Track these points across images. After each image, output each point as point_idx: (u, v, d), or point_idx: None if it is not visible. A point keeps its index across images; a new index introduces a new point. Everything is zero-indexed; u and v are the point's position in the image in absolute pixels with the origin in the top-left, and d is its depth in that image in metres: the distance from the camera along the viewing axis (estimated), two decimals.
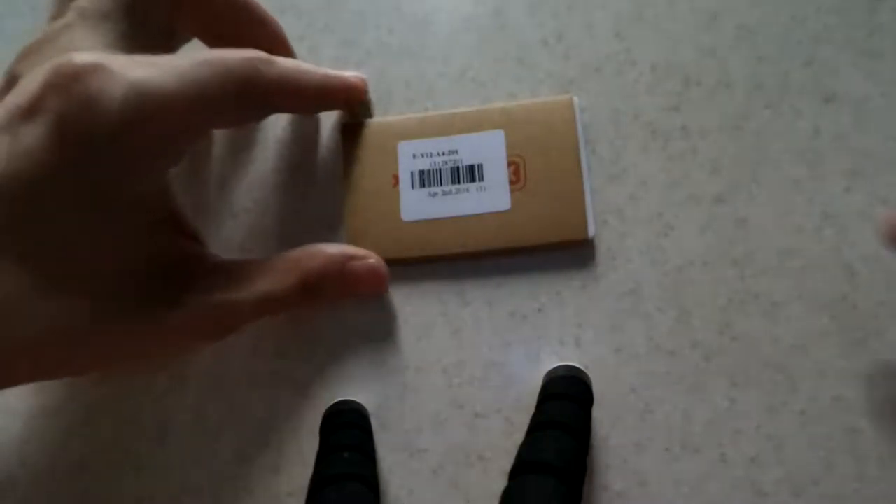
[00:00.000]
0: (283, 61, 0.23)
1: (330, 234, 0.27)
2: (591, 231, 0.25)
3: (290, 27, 0.28)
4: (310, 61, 0.28)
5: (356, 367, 0.25)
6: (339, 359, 0.26)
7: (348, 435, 0.23)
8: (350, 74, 0.26)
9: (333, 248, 0.24)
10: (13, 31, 0.28)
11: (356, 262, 0.24)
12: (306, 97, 0.24)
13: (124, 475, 0.25)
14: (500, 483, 0.22)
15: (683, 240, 0.26)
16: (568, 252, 0.26)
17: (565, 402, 0.23)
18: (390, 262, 0.25)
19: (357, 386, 0.25)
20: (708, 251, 0.25)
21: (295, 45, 0.28)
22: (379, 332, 0.26)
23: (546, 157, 0.25)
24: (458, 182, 0.26)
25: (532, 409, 0.24)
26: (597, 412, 0.24)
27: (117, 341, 0.21)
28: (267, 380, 0.25)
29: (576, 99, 0.26)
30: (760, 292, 0.25)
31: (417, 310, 0.26)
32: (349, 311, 0.26)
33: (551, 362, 0.25)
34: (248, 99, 0.22)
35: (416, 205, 0.26)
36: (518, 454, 0.22)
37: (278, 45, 0.26)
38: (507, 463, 0.22)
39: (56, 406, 0.26)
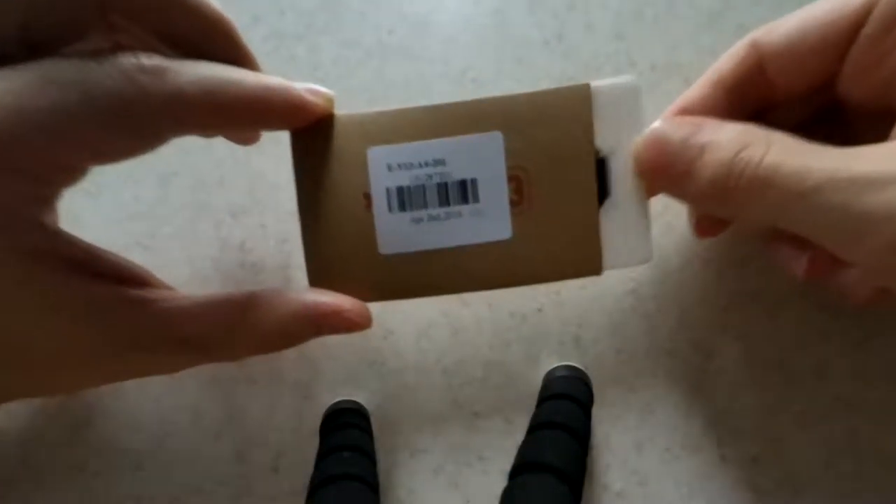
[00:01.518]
0: (187, 69, 0.18)
1: None
2: (609, 262, 0.21)
3: (290, 27, 0.28)
4: (310, 61, 0.28)
5: (356, 367, 0.25)
6: (339, 359, 0.26)
7: (348, 435, 0.23)
8: (303, 87, 0.20)
9: (293, 304, 0.20)
10: None
11: (329, 319, 0.20)
12: (227, 116, 0.19)
13: (124, 475, 0.25)
14: (500, 483, 0.22)
15: (684, 239, 0.26)
16: None
17: (565, 402, 0.23)
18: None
19: (357, 386, 0.25)
20: (708, 251, 0.25)
21: (295, 45, 0.28)
22: (379, 332, 0.26)
23: (556, 168, 0.20)
24: (448, 203, 0.20)
25: (532, 409, 0.24)
26: (597, 412, 0.24)
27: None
28: (267, 380, 0.25)
29: (597, 85, 0.20)
30: (759, 292, 0.25)
31: (417, 310, 0.26)
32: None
33: (551, 362, 0.25)
34: (125, 125, 0.17)
35: (396, 233, 0.20)
36: (518, 454, 0.22)
37: (229, 48, 0.21)
38: (507, 463, 0.22)
39: (56, 406, 0.26)
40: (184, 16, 0.19)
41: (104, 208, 0.27)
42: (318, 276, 0.21)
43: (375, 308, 0.26)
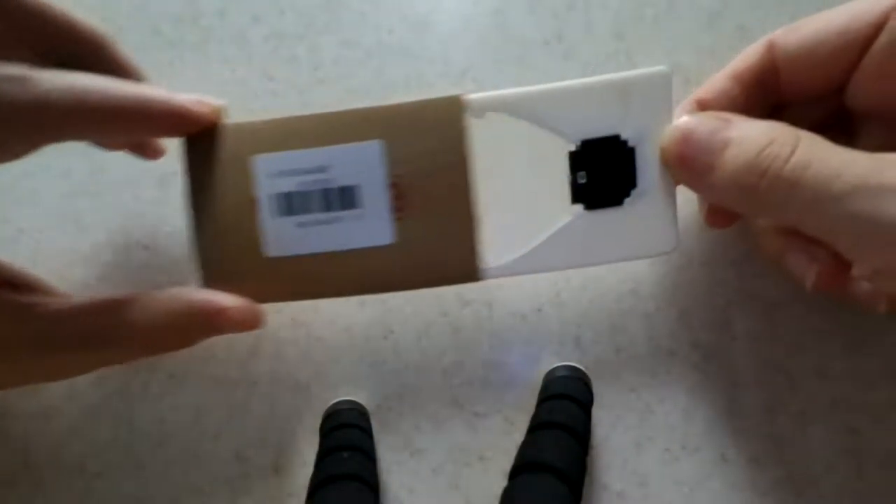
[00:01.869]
0: (53, 77, 0.18)
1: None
2: (489, 262, 0.21)
3: (290, 27, 0.28)
4: (310, 61, 0.28)
5: (356, 367, 0.25)
6: (339, 359, 0.26)
7: (348, 435, 0.23)
8: (188, 98, 0.21)
9: (176, 303, 0.21)
10: None
11: (214, 318, 0.21)
12: (98, 122, 0.19)
13: (124, 475, 0.25)
14: (500, 483, 0.22)
15: (684, 239, 0.26)
16: None
17: (565, 402, 0.23)
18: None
19: (357, 386, 0.25)
20: (708, 251, 0.25)
21: (295, 45, 0.28)
22: (379, 332, 0.26)
23: (434, 176, 0.21)
24: (330, 209, 0.21)
25: (532, 409, 0.24)
26: (597, 412, 0.24)
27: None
28: (267, 380, 0.25)
29: (470, 98, 0.21)
30: (759, 292, 0.25)
31: (417, 310, 0.26)
32: (349, 311, 0.26)
33: (551, 362, 0.25)
34: None
35: (281, 237, 0.21)
36: (518, 454, 0.22)
37: (109, 62, 0.21)
38: (507, 463, 0.22)
39: (56, 406, 0.26)
40: (59, 33, 0.20)
41: (104, 209, 0.27)
42: (210, 277, 0.22)
43: (376, 309, 0.26)
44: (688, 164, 0.20)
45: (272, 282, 0.21)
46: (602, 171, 0.21)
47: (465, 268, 0.21)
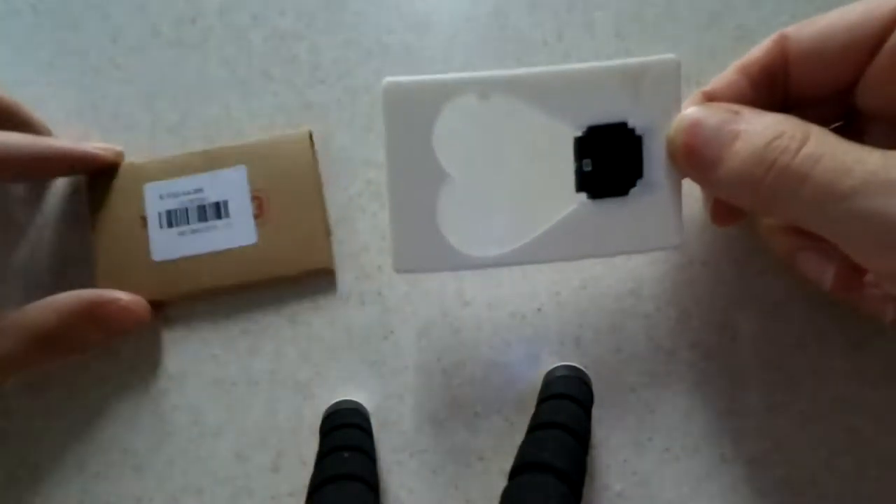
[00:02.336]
0: None
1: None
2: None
3: (290, 27, 0.28)
4: (310, 61, 0.28)
5: (356, 367, 0.25)
6: (339, 359, 0.26)
7: (348, 435, 0.23)
8: (93, 146, 0.26)
9: (69, 299, 0.24)
10: (13, 31, 0.28)
11: (105, 306, 0.24)
12: (15, 168, 0.24)
13: (124, 475, 0.25)
14: (500, 483, 0.22)
15: (684, 239, 0.26)
16: None
17: (565, 402, 0.23)
18: (151, 303, 0.25)
19: (357, 386, 0.25)
20: (708, 251, 0.25)
21: (295, 45, 0.28)
22: (379, 332, 0.26)
23: (288, 189, 0.26)
24: (206, 220, 0.26)
25: (532, 409, 0.24)
26: (597, 412, 0.24)
27: None
28: (267, 380, 0.25)
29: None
30: (759, 292, 0.25)
31: (417, 310, 0.26)
32: (349, 311, 0.26)
33: (551, 362, 0.25)
34: None
35: (165, 244, 0.26)
36: (518, 454, 0.22)
37: (22, 124, 0.25)
38: (507, 463, 0.22)
39: (56, 406, 0.26)
40: None
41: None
42: (106, 278, 0.26)
43: (376, 309, 0.26)
44: (695, 155, 0.19)
45: (161, 281, 0.26)
46: (608, 160, 0.21)
47: (321, 260, 0.26)
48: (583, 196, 0.21)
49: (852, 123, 0.22)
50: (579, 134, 0.21)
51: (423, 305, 0.26)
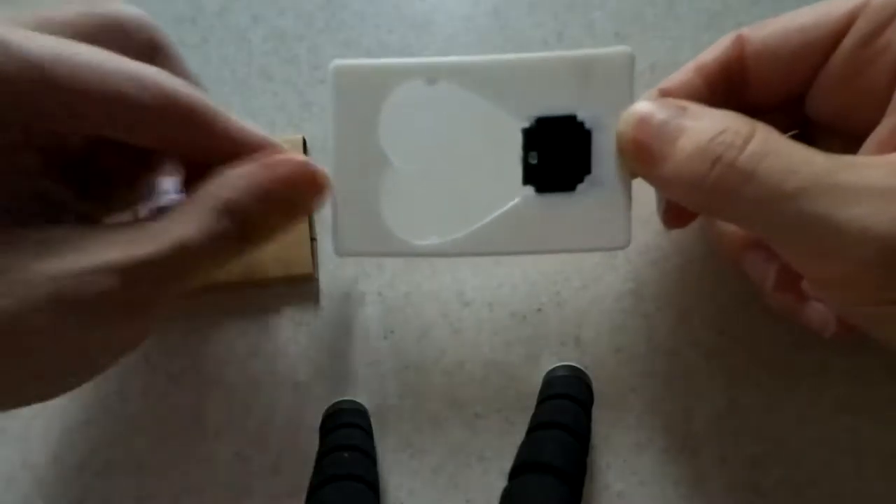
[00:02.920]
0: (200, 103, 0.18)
1: None
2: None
3: (290, 27, 0.28)
4: (310, 61, 0.28)
5: (356, 367, 0.25)
6: (339, 359, 0.26)
7: (348, 435, 0.23)
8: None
9: (245, 168, 0.19)
10: None
11: (280, 167, 0.19)
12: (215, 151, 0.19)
13: (124, 475, 0.25)
14: (500, 483, 0.22)
15: (684, 239, 0.26)
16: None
17: (565, 402, 0.23)
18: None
19: (357, 386, 0.25)
20: (708, 250, 0.25)
21: (295, 45, 0.28)
22: (379, 332, 0.26)
23: None
24: None
25: (532, 409, 0.24)
26: (597, 412, 0.24)
27: None
28: (267, 380, 0.25)
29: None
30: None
31: (417, 310, 0.26)
32: (348, 311, 0.26)
33: (551, 362, 0.25)
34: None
35: None
36: (518, 454, 0.22)
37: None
38: (507, 463, 0.22)
39: (56, 406, 0.26)
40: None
41: None
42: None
43: (377, 310, 0.26)
44: (642, 151, 0.19)
45: None
46: (555, 153, 0.20)
47: (304, 265, 0.25)
48: (529, 189, 0.21)
49: (805, 133, 0.22)
50: (527, 125, 0.20)
51: (423, 305, 0.26)
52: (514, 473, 0.22)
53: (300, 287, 0.26)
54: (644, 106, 0.19)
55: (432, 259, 0.26)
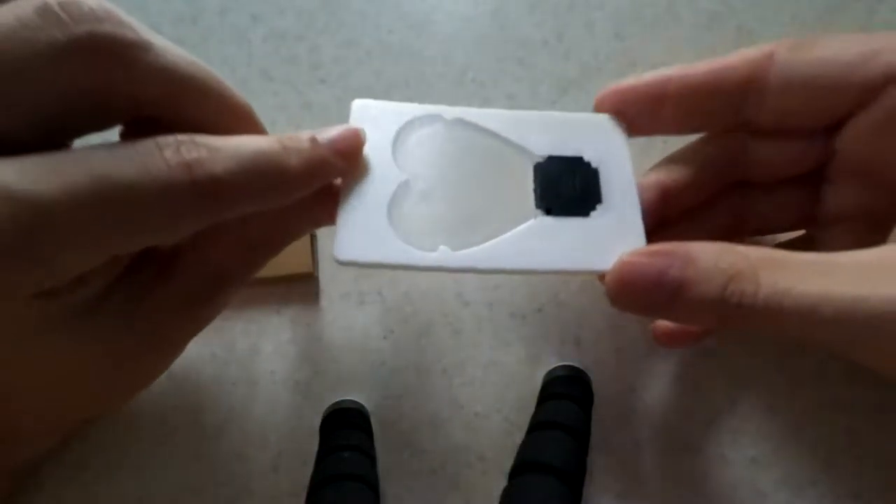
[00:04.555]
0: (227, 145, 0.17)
1: None
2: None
3: (290, 27, 0.28)
4: (310, 61, 0.28)
5: (356, 367, 0.25)
6: (339, 359, 0.26)
7: (348, 435, 0.23)
8: (339, 131, 0.20)
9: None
10: None
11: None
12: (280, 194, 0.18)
13: (124, 475, 0.25)
14: (500, 483, 0.22)
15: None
16: None
17: (565, 402, 0.23)
18: None
19: (357, 386, 0.25)
20: None
21: (295, 45, 0.28)
22: (379, 332, 0.26)
23: None
24: None
25: (532, 409, 0.24)
26: (597, 412, 0.24)
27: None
28: (267, 380, 0.25)
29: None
30: None
31: (417, 310, 0.26)
32: (349, 311, 0.26)
33: (551, 362, 0.25)
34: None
35: None
36: (518, 454, 0.22)
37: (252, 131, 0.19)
38: (507, 463, 0.22)
39: None
40: (217, 108, 0.18)
41: None
42: None
43: (377, 310, 0.26)
44: (643, 308, 0.19)
45: None
46: (567, 185, 0.21)
47: (304, 265, 0.26)
48: (541, 212, 0.21)
49: (814, 177, 0.22)
50: (539, 160, 0.22)
51: (423, 305, 0.26)
52: (514, 473, 0.22)
53: (300, 287, 0.26)
54: (627, 265, 0.19)
55: None
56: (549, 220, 0.21)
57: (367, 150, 0.21)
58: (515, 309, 0.26)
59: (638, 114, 0.22)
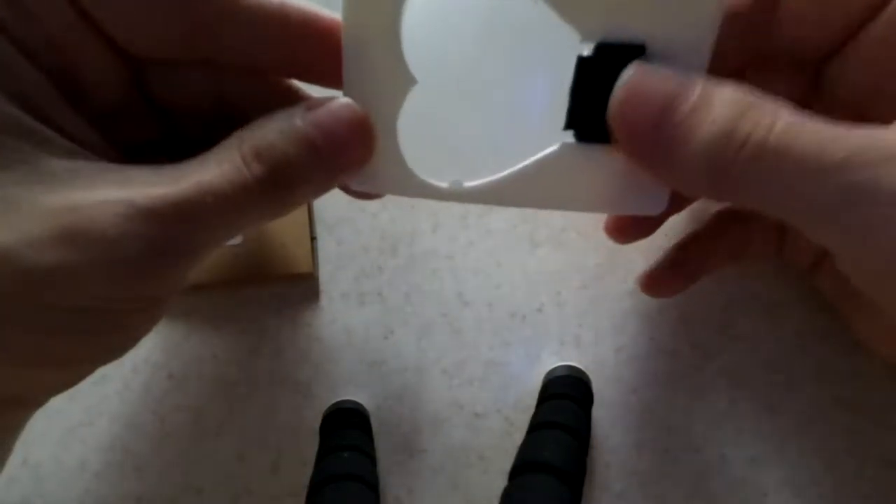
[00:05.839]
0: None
1: None
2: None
3: None
4: None
5: (356, 367, 0.25)
6: (339, 359, 0.26)
7: (348, 435, 0.23)
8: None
9: (286, 113, 0.17)
10: None
11: (319, 112, 0.16)
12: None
13: (124, 475, 0.25)
14: (500, 483, 0.22)
15: None
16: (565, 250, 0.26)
17: (565, 402, 0.23)
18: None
19: (357, 386, 0.25)
20: None
21: None
22: (379, 332, 0.26)
23: None
24: None
25: (532, 409, 0.24)
26: (597, 412, 0.24)
27: None
28: (267, 380, 0.25)
29: None
30: (759, 292, 0.25)
31: (417, 310, 0.26)
32: (349, 311, 0.26)
33: (551, 362, 0.25)
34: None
35: None
36: (518, 454, 0.22)
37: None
38: (507, 463, 0.22)
39: (56, 406, 0.26)
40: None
41: None
42: None
43: (377, 310, 0.26)
44: (645, 134, 0.16)
45: None
46: (608, 94, 0.16)
47: (304, 266, 0.25)
48: (569, 135, 0.17)
49: (816, 107, 0.19)
50: (585, 53, 0.16)
51: (423, 305, 0.26)
52: (514, 473, 0.22)
53: (300, 287, 0.26)
54: (636, 79, 0.16)
55: (432, 259, 0.26)
56: (576, 148, 0.17)
57: (371, 35, 0.17)
58: (515, 309, 0.26)
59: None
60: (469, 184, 0.18)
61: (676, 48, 0.16)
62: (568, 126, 0.17)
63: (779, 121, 0.15)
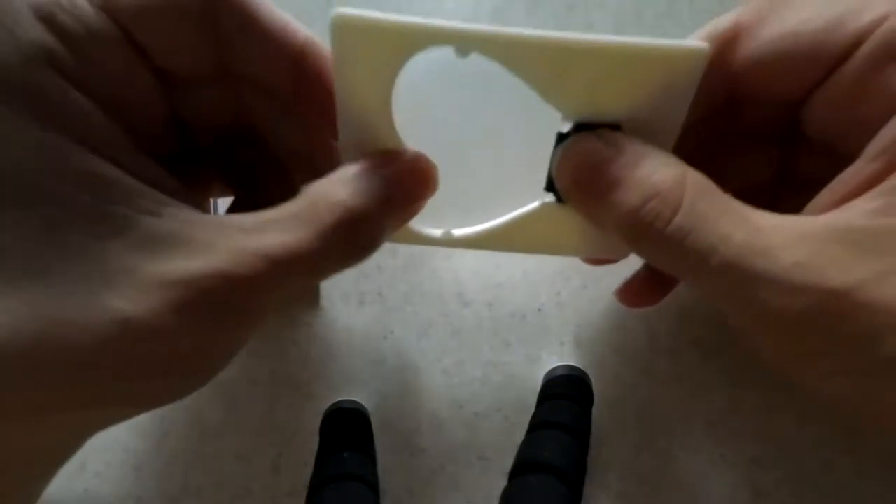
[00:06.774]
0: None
1: None
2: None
3: None
4: None
5: (356, 367, 0.25)
6: (339, 359, 0.26)
7: (348, 435, 0.23)
8: None
9: (360, 168, 0.17)
10: None
11: (390, 170, 0.17)
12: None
13: (124, 475, 0.25)
14: (500, 483, 0.22)
15: None
16: None
17: (565, 402, 0.23)
18: None
19: (357, 386, 0.25)
20: None
21: None
22: (379, 332, 0.26)
23: None
24: None
25: (532, 409, 0.24)
26: (597, 412, 0.24)
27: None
28: (267, 380, 0.25)
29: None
30: None
31: (417, 310, 0.26)
32: (349, 311, 0.26)
33: (551, 362, 0.25)
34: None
35: None
36: (518, 454, 0.22)
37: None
38: (507, 463, 0.22)
39: None
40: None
41: None
42: None
43: (377, 310, 0.26)
44: (583, 184, 0.18)
45: None
46: None
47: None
48: (549, 197, 0.20)
49: (798, 147, 0.21)
50: (564, 130, 0.18)
51: (423, 305, 0.26)
52: (514, 473, 0.22)
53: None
54: (583, 141, 0.18)
55: (432, 259, 0.26)
56: (555, 207, 0.20)
57: (360, 98, 0.17)
58: (515, 309, 0.26)
59: None
60: (458, 232, 0.21)
61: (649, 127, 0.18)
62: (548, 189, 0.19)
63: (677, 214, 0.16)
